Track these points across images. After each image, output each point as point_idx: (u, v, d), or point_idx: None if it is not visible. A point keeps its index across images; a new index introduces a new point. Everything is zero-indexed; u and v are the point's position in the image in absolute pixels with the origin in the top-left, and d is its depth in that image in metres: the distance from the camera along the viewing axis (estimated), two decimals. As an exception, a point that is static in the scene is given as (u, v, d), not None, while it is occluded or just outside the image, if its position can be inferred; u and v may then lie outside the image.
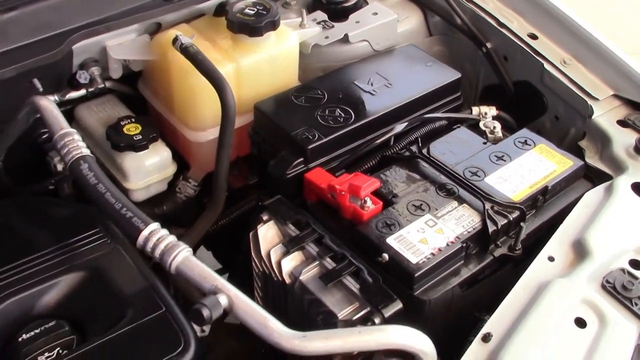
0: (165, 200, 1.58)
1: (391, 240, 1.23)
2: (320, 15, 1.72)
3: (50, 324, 1.18)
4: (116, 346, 1.14)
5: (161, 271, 1.18)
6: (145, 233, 1.09)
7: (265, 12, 1.49)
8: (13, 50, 1.34)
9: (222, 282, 1.04)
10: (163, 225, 1.14)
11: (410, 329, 1.03)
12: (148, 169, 1.48)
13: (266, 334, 1.00)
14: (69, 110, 1.59)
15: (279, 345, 1.00)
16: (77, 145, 1.19)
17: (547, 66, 1.63)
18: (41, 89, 1.40)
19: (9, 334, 1.15)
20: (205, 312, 0.99)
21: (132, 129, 1.48)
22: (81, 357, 1.12)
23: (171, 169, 1.53)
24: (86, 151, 1.19)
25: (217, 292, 1.02)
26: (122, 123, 1.49)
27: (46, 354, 1.14)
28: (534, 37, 1.69)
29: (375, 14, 1.74)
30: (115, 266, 1.26)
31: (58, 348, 1.15)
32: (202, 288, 1.04)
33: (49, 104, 1.26)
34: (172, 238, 1.09)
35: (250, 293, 1.31)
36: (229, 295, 1.02)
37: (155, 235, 1.09)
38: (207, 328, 1.21)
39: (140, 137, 1.46)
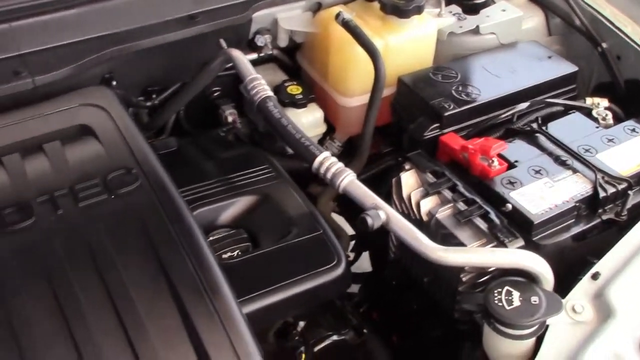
0: (313, 157, 1.85)
1: (514, 194, 1.46)
2: (455, 8, 1.96)
3: (233, 231, 1.47)
4: (282, 254, 1.42)
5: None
6: (319, 158, 1.35)
7: (412, -1, 1.75)
8: (211, 10, 1.63)
9: (381, 201, 1.29)
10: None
11: (536, 255, 1.25)
12: (304, 125, 1.75)
13: (416, 245, 1.24)
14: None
15: (425, 254, 1.23)
16: (263, 88, 1.46)
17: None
18: (223, 49, 1.69)
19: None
20: (369, 220, 1.24)
21: (294, 89, 1.77)
22: (255, 258, 1.40)
23: (321, 128, 1.80)
24: (270, 92, 1.46)
25: (377, 209, 1.27)
26: (286, 84, 1.78)
27: (228, 253, 1.43)
28: (646, 39, 1.88)
29: (504, 10, 1.97)
30: (281, 194, 1.54)
31: (237, 250, 1.44)
32: (364, 205, 1.29)
33: (240, 54, 1.55)
34: (340, 164, 1.34)
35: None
36: (387, 212, 1.27)
37: (328, 161, 1.34)
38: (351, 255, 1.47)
39: (301, 96, 1.75)
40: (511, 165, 1.54)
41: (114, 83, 1.53)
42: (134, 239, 1.18)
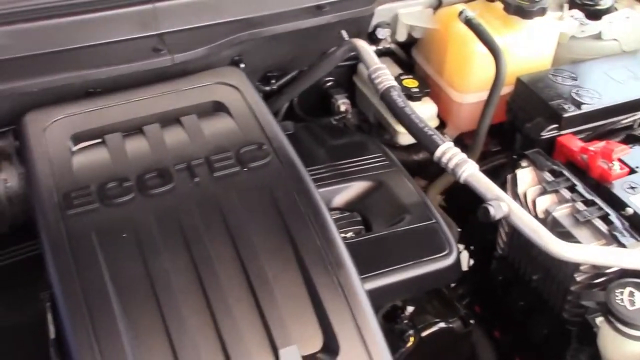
0: (422, 150, 1.88)
1: (635, 199, 1.45)
2: (577, 13, 1.95)
3: (346, 214, 1.52)
4: (395, 239, 1.45)
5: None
6: (442, 148, 1.37)
7: (537, 0, 1.76)
8: (338, 1, 1.69)
9: (503, 193, 1.31)
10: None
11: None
12: (418, 117, 1.78)
13: (537, 238, 1.26)
14: (353, 65, 1.96)
15: (547, 248, 1.24)
16: (387, 77, 1.51)
17: None
18: (347, 39, 1.75)
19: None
20: (492, 211, 1.26)
21: (410, 83, 1.81)
22: (368, 241, 1.45)
23: (434, 122, 1.83)
24: (394, 82, 1.50)
25: (499, 200, 1.29)
26: (402, 77, 1.82)
27: (342, 235, 1.47)
28: None
29: (628, 17, 1.95)
30: (395, 182, 1.58)
31: (351, 232, 1.48)
32: (485, 196, 1.31)
33: (365, 45, 1.60)
34: (463, 155, 1.37)
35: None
36: (509, 204, 1.29)
37: (451, 151, 1.37)
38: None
39: (417, 90, 1.79)
40: (632, 171, 1.53)
41: (242, 66, 1.61)
42: (264, 210, 1.24)
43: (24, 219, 1.41)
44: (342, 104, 1.90)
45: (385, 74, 1.51)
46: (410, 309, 1.48)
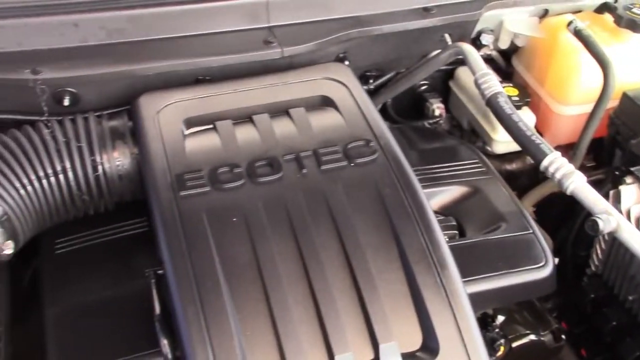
0: (515, 159, 1.88)
1: None
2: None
3: (441, 217, 1.52)
4: (490, 246, 1.46)
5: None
6: (550, 158, 1.37)
7: (649, 13, 1.73)
8: (446, 5, 1.70)
9: (612, 208, 1.29)
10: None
11: None
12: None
13: (648, 256, 1.24)
14: (451, 70, 1.97)
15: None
16: (495, 83, 1.51)
17: None
18: (450, 43, 1.76)
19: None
20: (601, 224, 1.25)
21: (510, 91, 1.80)
22: (463, 246, 1.45)
23: (531, 132, 1.82)
24: (501, 88, 1.50)
25: (608, 214, 1.28)
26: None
27: (438, 238, 1.48)
28: None
29: None
30: (491, 189, 1.58)
31: (445, 236, 1.49)
32: (593, 210, 1.30)
33: (473, 49, 1.60)
34: (571, 166, 1.36)
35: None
36: (618, 219, 1.28)
37: (558, 161, 1.36)
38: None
39: (517, 98, 1.78)
40: None
41: (347, 63, 1.63)
42: (370, 205, 1.26)
43: (130, 197, 1.47)
44: (437, 108, 1.92)
45: (492, 79, 1.51)
46: (501, 318, 1.48)
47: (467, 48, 1.61)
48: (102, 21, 1.52)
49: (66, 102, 1.48)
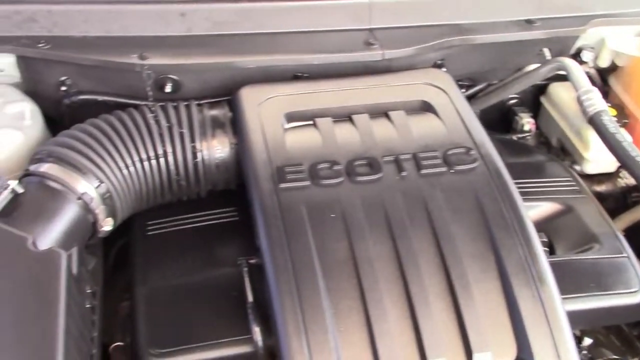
0: (605, 181, 1.85)
1: None
2: None
3: (534, 234, 1.51)
4: (581, 266, 1.44)
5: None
6: (653, 182, 1.35)
7: None
8: (551, 19, 1.70)
9: None
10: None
11: None
12: (606, 146, 1.76)
13: None
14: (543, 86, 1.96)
15: None
16: (599, 101, 1.50)
17: None
18: (549, 58, 1.75)
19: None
20: None
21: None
22: (555, 263, 1.42)
23: (624, 154, 1.80)
24: (605, 107, 1.49)
25: None
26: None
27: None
28: None
29: None
30: (585, 209, 1.56)
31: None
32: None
33: (575, 65, 1.60)
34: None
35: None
36: None
37: None
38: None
39: (615, 119, 1.75)
40: None
41: (444, 70, 1.64)
42: (469, 213, 1.27)
43: (223, 186, 1.51)
44: (527, 123, 1.90)
45: (596, 97, 1.50)
46: (588, 340, 1.46)
47: (571, 63, 1.60)
48: (208, 12, 1.57)
49: (168, 89, 1.53)
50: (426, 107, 1.47)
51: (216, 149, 1.44)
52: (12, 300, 1.09)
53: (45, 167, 1.32)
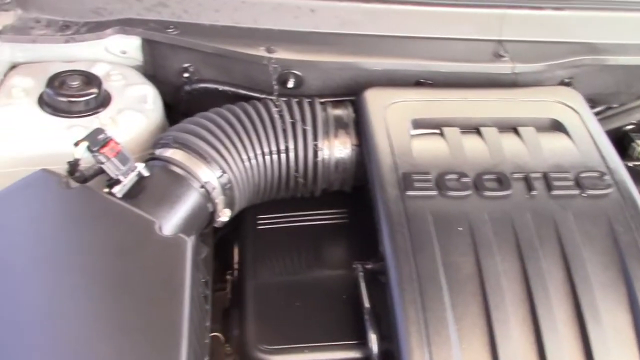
0: None
1: None
2: None
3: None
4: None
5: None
6: None
7: None
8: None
9: None
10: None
11: None
12: None
13: None
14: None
15: None
16: None
17: None
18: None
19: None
20: None
21: None
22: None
23: None
24: None
25: None
26: None
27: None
28: None
29: None
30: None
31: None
32: None
33: None
34: None
35: None
36: None
37: None
38: None
39: None
40: None
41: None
42: (601, 240, 1.24)
43: (338, 187, 1.51)
44: (640, 151, 1.86)
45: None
46: None
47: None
48: (338, 10, 1.58)
49: (290, 84, 1.54)
50: (557, 126, 1.44)
51: (337, 149, 1.45)
52: (137, 284, 1.11)
53: (170, 153, 1.35)
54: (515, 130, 1.42)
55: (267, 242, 1.48)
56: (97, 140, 1.23)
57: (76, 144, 1.23)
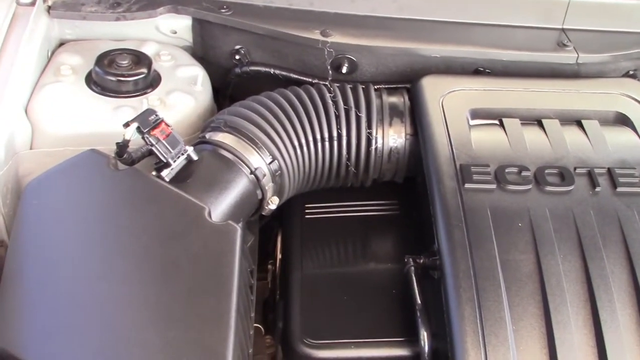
0: None
1: None
2: None
3: None
4: None
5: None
6: None
7: None
8: None
9: None
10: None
11: None
12: None
13: None
14: None
15: None
16: None
17: None
18: None
19: None
20: None
21: None
22: None
23: None
24: None
25: None
26: None
27: None
28: None
29: None
30: None
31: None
32: None
33: None
34: None
35: None
36: None
37: None
38: None
39: None
40: None
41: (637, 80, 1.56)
42: (668, 241, 1.19)
43: (389, 178, 1.49)
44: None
45: None
46: None
47: None
48: (396, -6, 1.55)
49: (344, 69, 1.52)
50: (622, 120, 1.40)
51: (391, 138, 1.42)
52: (186, 271, 1.10)
53: (221, 136, 1.33)
54: (578, 123, 1.38)
55: (315, 233, 1.46)
56: (147, 122, 1.22)
57: (126, 125, 1.21)
